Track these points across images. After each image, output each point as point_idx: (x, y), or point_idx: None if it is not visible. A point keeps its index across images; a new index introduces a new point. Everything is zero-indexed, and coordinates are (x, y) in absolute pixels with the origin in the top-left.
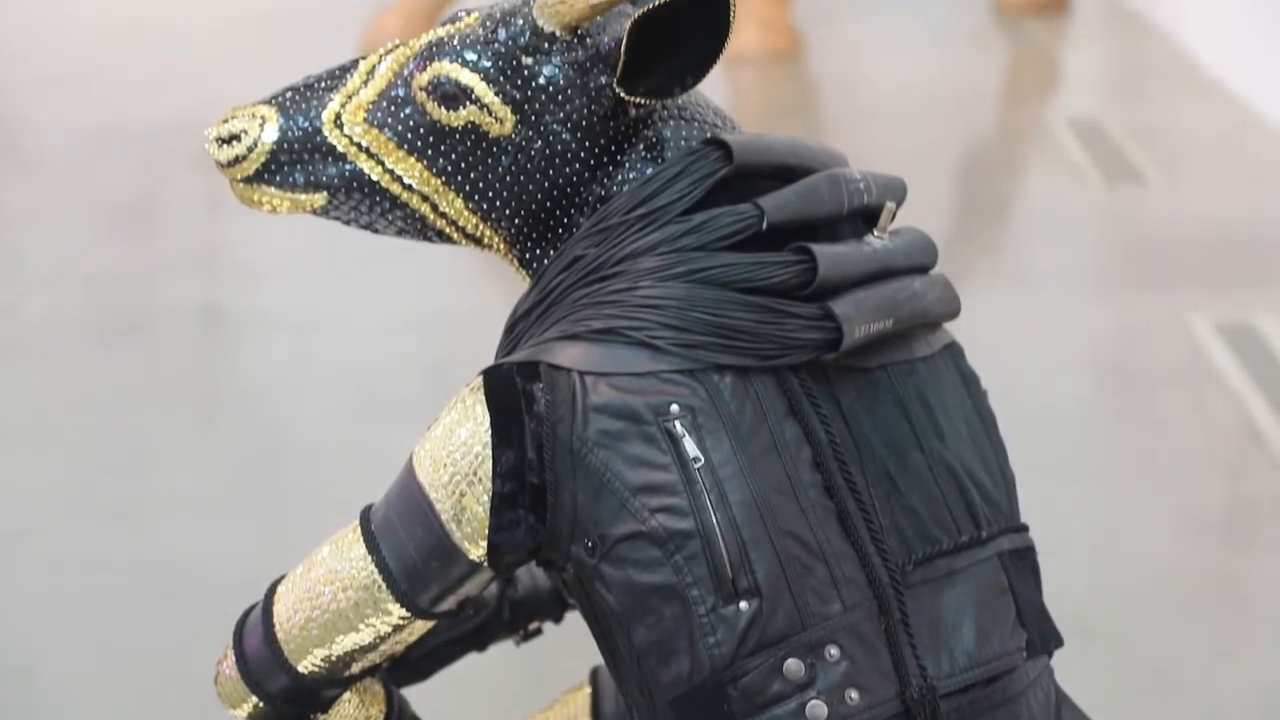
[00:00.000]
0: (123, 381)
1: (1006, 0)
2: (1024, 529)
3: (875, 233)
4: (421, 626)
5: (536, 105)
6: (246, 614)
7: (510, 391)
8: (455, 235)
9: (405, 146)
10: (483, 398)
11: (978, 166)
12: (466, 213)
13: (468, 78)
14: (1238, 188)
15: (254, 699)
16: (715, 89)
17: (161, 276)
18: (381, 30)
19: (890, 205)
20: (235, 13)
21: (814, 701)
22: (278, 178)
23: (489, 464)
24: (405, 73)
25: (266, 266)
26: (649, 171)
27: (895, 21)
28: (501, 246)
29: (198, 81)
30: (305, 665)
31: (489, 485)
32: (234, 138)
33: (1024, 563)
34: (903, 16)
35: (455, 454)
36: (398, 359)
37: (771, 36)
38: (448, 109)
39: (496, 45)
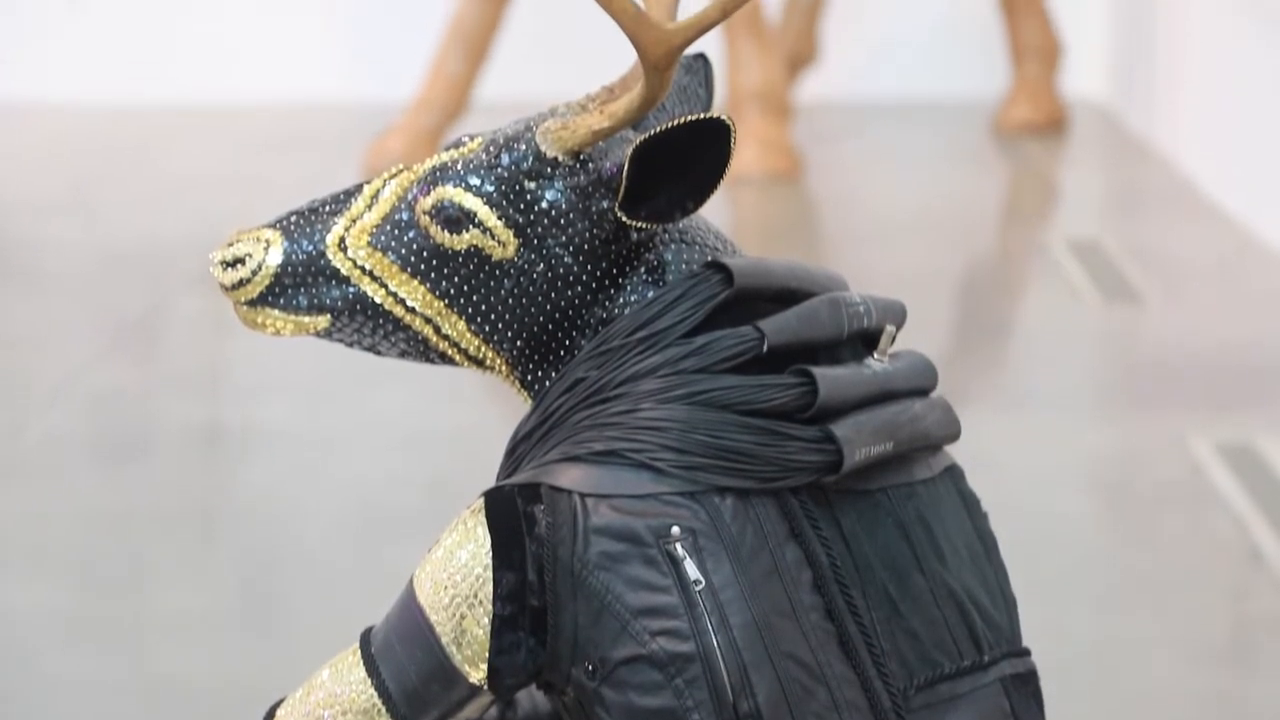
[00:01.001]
0: (124, 500)
1: (1004, 121)
2: (1026, 653)
3: (875, 356)
4: None
5: (539, 229)
6: None
7: (511, 513)
8: (457, 357)
9: (408, 269)
10: (484, 519)
11: (977, 286)
12: (469, 335)
13: (471, 202)
14: (1237, 310)
15: None
16: (716, 208)
17: (163, 395)
18: (385, 151)
19: (890, 329)
20: (239, 136)
21: None
22: (281, 300)
23: (490, 586)
24: (409, 197)
25: (268, 384)
26: (650, 294)
27: (894, 142)
28: (503, 368)
29: (201, 202)
30: None
31: (490, 608)
32: (238, 261)
33: (1027, 688)
34: (902, 137)
35: (456, 576)
36: (399, 476)
37: (771, 157)
38: (451, 233)
39: (500, 170)
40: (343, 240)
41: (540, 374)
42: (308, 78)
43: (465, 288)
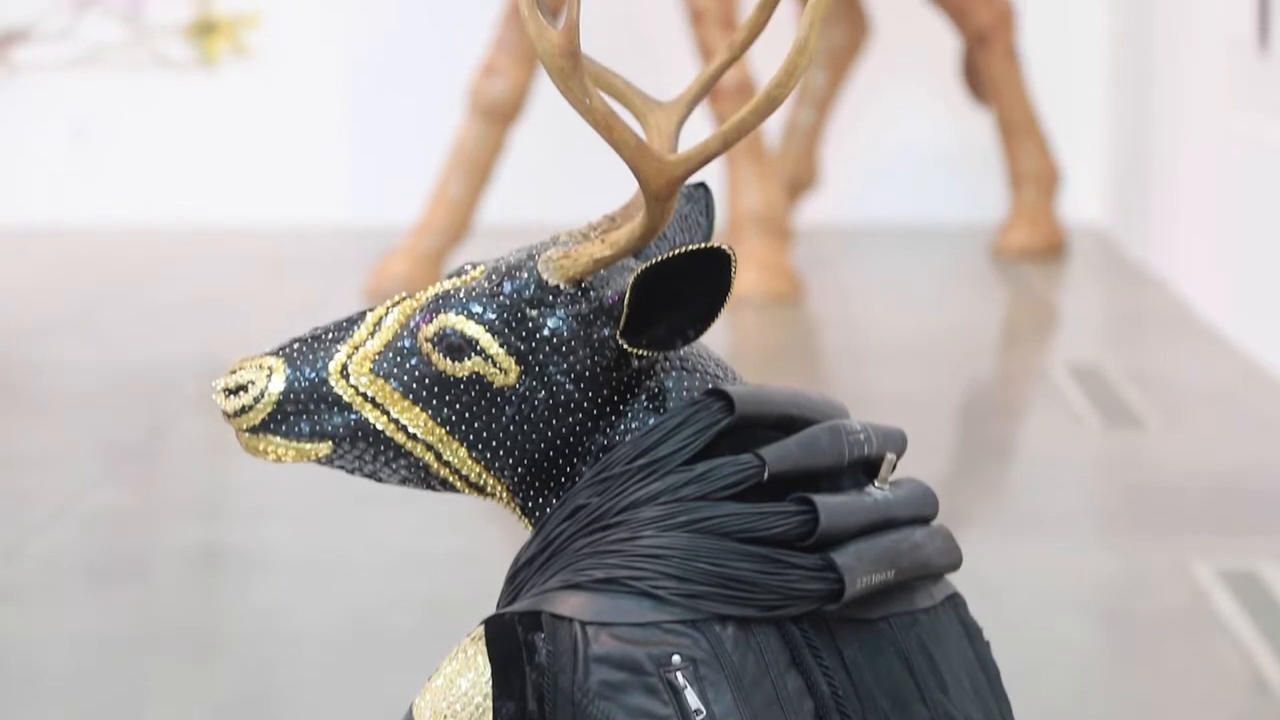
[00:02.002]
0: (121, 622)
1: (1003, 246)
2: None
3: (876, 483)
4: None
5: (540, 356)
6: None
7: (512, 641)
8: (458, 484)
9: (410, 396)
10: (484, 648)
11: (977, 409)
12: (470, 461)
13: (473, 329)
14: (1238, 435)
15: None
16: (717, 330)
17: (162, 517)
18: (387, 274)
19: (891, 456)
20: (241, 258)
21: None
22: (283, 427)
23: (489, 715)
24: (411, 324)
25: (267, 506)
26: (651, 421)
27: (894, 265)
28: (504, 495)
29: (203, 325)
30: None
31: None
32: (241, 388)
33: None
34: (901, 261)
35: (456, 705)
36: (398, 600)
37: (771, 279)
38: (453, 360)
39: (502, 298)
40: (345, 367)
41: (541, 500)
42: (311, 201)
43: (467, 414)
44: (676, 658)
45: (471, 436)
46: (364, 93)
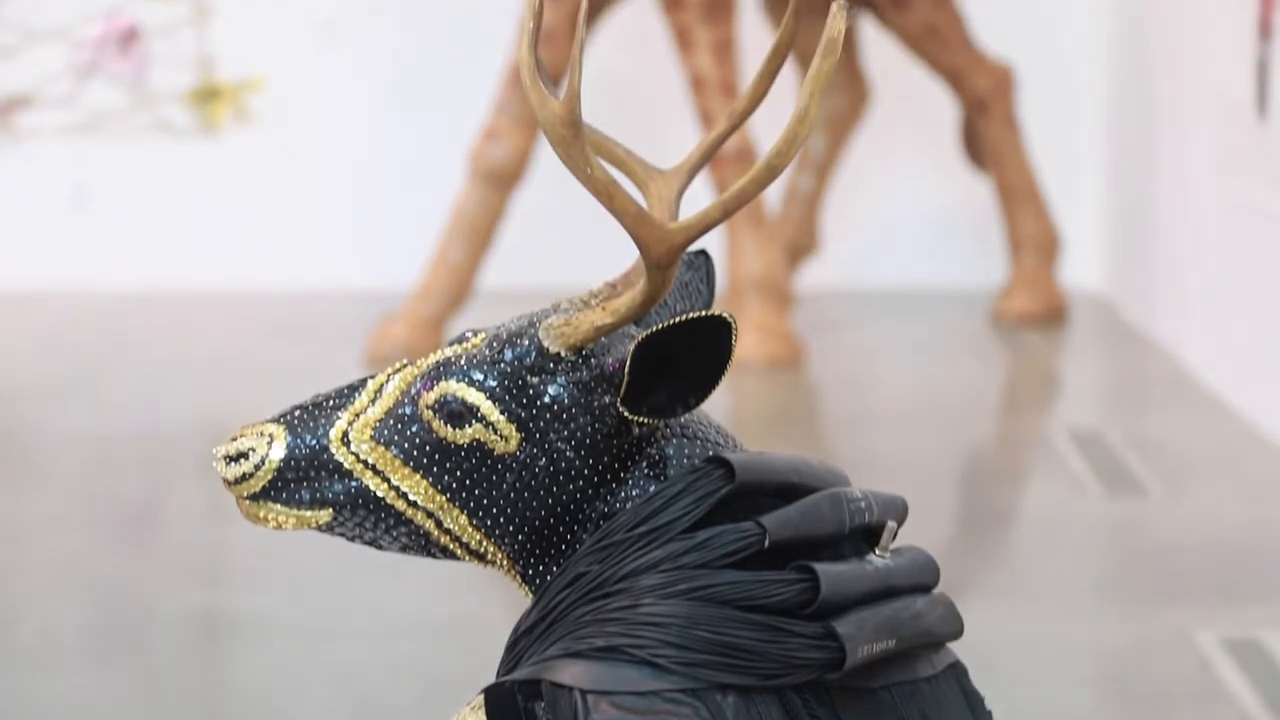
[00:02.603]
0: (120, 691)
1: (1003, 311)
2: None
3: (877, 551)
4: None
5: (541, 423)
6: None
7: (512, 710)
8: (459, 551)
9: (411, 463)
10: (484, 716)
11: (978, 475)
12: (470, 529)
13: (474, 396)
14: (1240, 502)
15: None
16: (717, 394)
17: (161, 584)
18: (387, 339)
19: (892, 524)
20: (241, 322)
21: None
22: (284, 495)
23: None
24: (412, 391)
25: (267, 572)
26: (652, 489)
27: (894, 331)
28: (505, 562)
29: (202, 389)
30: None
31: None
32: (242, 455)
33: None
34: (902, 325)
35: None
36: (399, 667)
37: (772, 344)
38: (454, 427)
39: (502, 365)
40: (346, 435)
41: (542, 568)
42: (311, 265)
43: (467, 482)
44: None
45: (472, 504)
46: (365, 156)
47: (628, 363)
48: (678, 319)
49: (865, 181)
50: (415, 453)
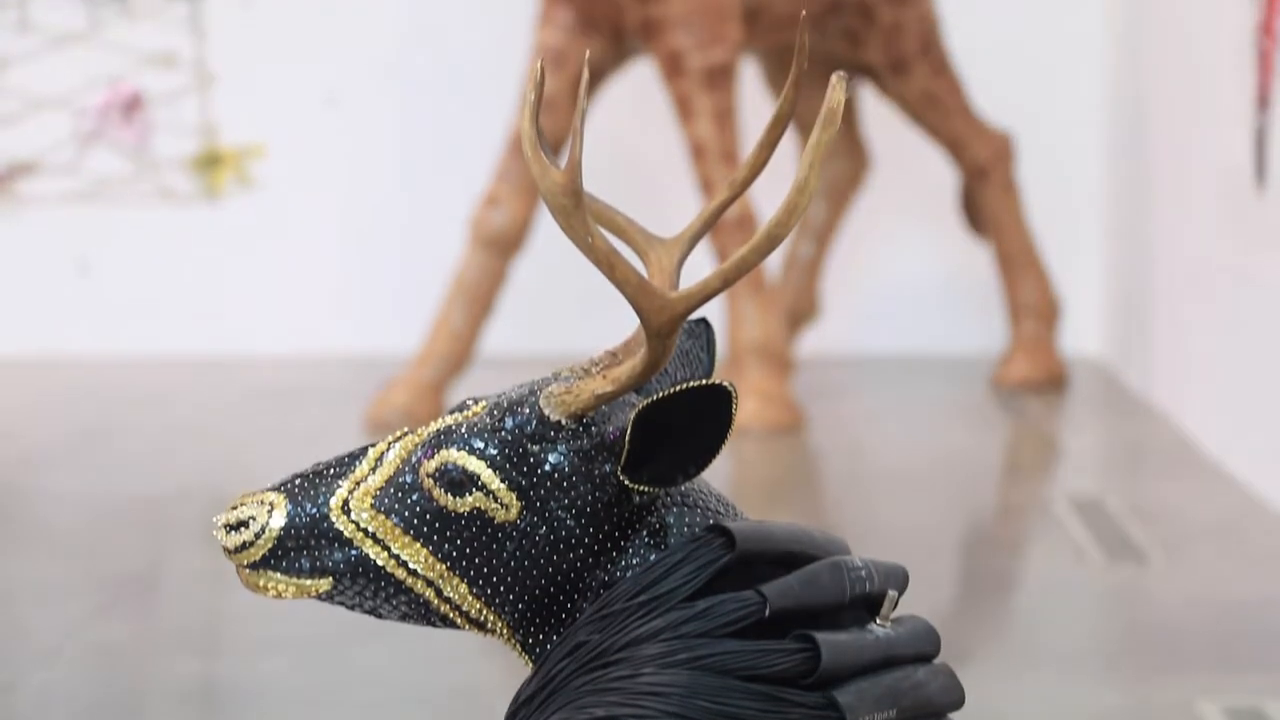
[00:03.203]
0: None
1: (1003, 378)
2: None
3: (878, 621)
4: None
5: (542, 492)
6: None
7: None
8: (459, 620)
9: (411, 532)
10: None
11: (979, 542)
12: (470, 598)
13: (475, 465)
14: (1243, 571)
15: None
16: (718, 460)
17: (160, 651)
18: (387, 404)
19: (892, 594)
20: (241, 387)
21: None
22: (284, 563)
23: None
24: (413, 460)
25: (267, 639)
26: (652, 558)
27: (895, 396)
28: (504, 631)
29: (202, 455)
30: None
31: None
32: (242, 524)
33: None
34: (902, 391)
35: None
36: None
37: (772, 410)
38: (454, 495)
39: (503, 433)
40: (346, 503)
41: (541, 637)
42: (311, 330)
43: (468, 550)
44: None
45: (472, 572)
46: (366, 222)
47: (628, 431)
48: (678, 388)
49: (865, 248)
50: (416, 521)
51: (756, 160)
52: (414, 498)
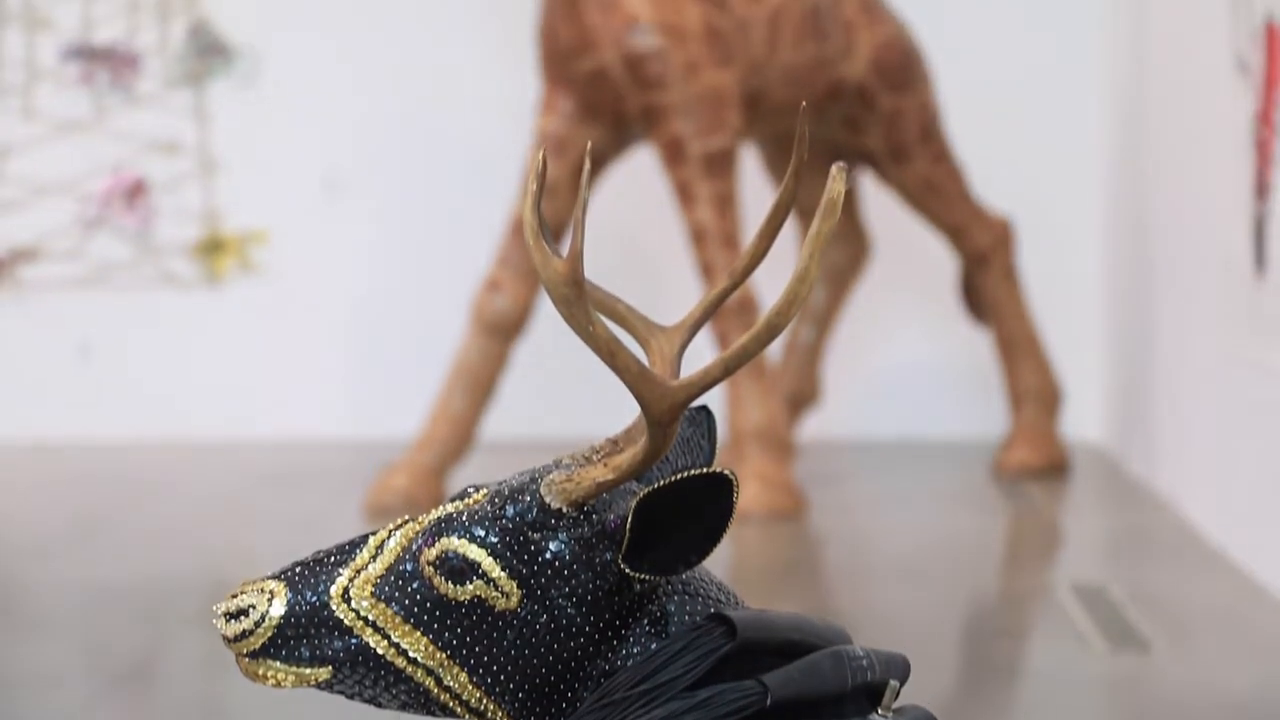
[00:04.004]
0: None
1: (1004, 463)
2: None
3: (880, 711)
4: None
5: (543, 580)
6: None
7: None
8: (459, 709)
9: (411, 620)
10: None
11: (980, 630)
12: (471, 687)
13: (475, 553)
14: (1245, 659)
15: None
16: (719, 546)
17: None
18: (388, 488)
19: (894, 683)
20: (241, 471)
21: None
22: (284, 652)
23: None
24: (414, 548)
25: None
26: (653, 646)
27: (896, 481)
28: None
29: (201, 540)
30: None
31: None
32: (242, 613)
33: None
34: (903, 476)
35: None
36: None
37: (773, 495)
38: (454, 584)
39: (504, 521)
40: (346, 591)
41: None
42: (312, 414)
43: (468, 639)
44: None
45: (473, 661)
46: (367, 307)
47: (629, 519)
48: (679, 476)
49: (866, 332)
50: (416, 609)
51: (757, 249)
52: (414, 586)
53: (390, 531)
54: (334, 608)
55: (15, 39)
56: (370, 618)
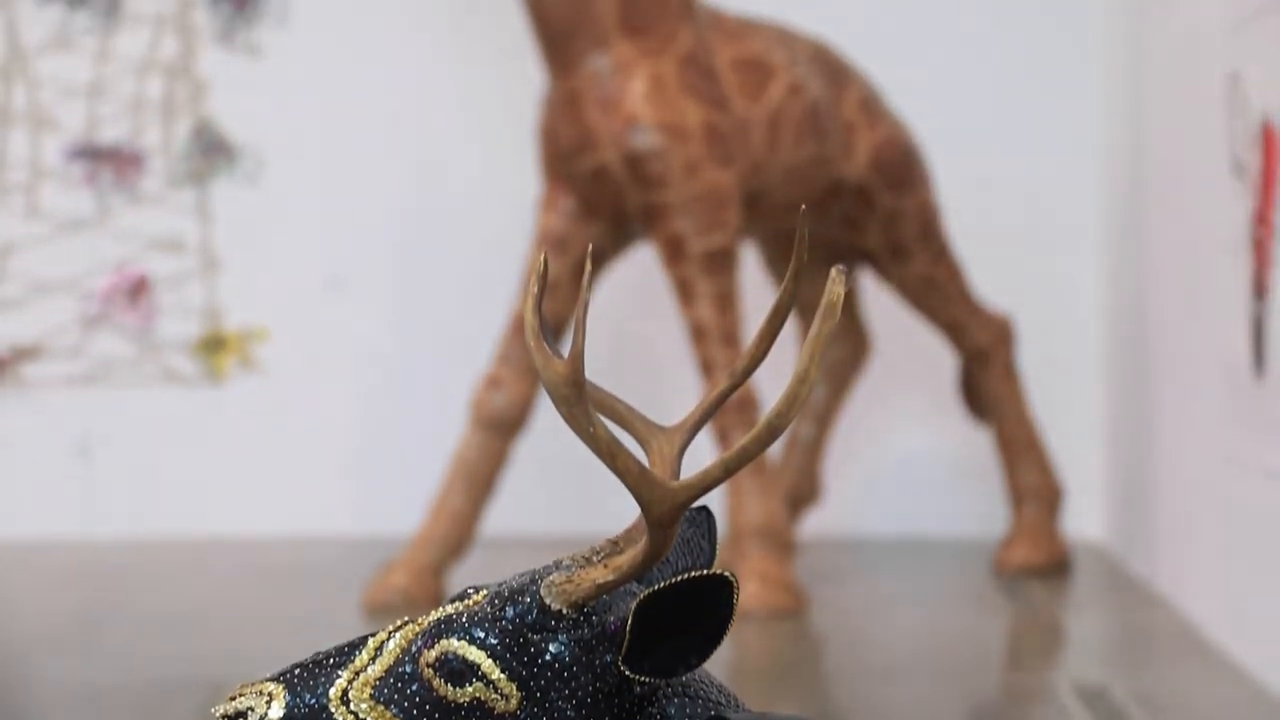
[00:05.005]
0: None
1: (1005, 562)
2: None
3: None
4: None
5: (542, 682)
6: None
7: None
8: None
9: None
10: None
11: None
12: None
13: (475, 655)
14: None
15: None
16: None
17: None
18: (386, 586)
19: None
20: (239, 568)
21: None
22: None
23: None
24: (413, 649)
25: None
26: None
27: (897, 579)
28: None
29: (199, 637)
30: None
31: None
32: (240, 716)
33: None
34: (904, 574)
35: None
36: None
37: (774, 594)
38: (454, 686)
39: (504, 623)
40: (345, 693)
41: None
42: (311, 511)
43: None
44: None
45: None
46: (367, 403)
47: (629, 622)
48: (680, 578)
49: (866, 429)
50: (415, 712)
51: (757, 350)
52: (414, 688)
53: (390, 633)
54: (333, 710)
55: (20, 138)
56: None
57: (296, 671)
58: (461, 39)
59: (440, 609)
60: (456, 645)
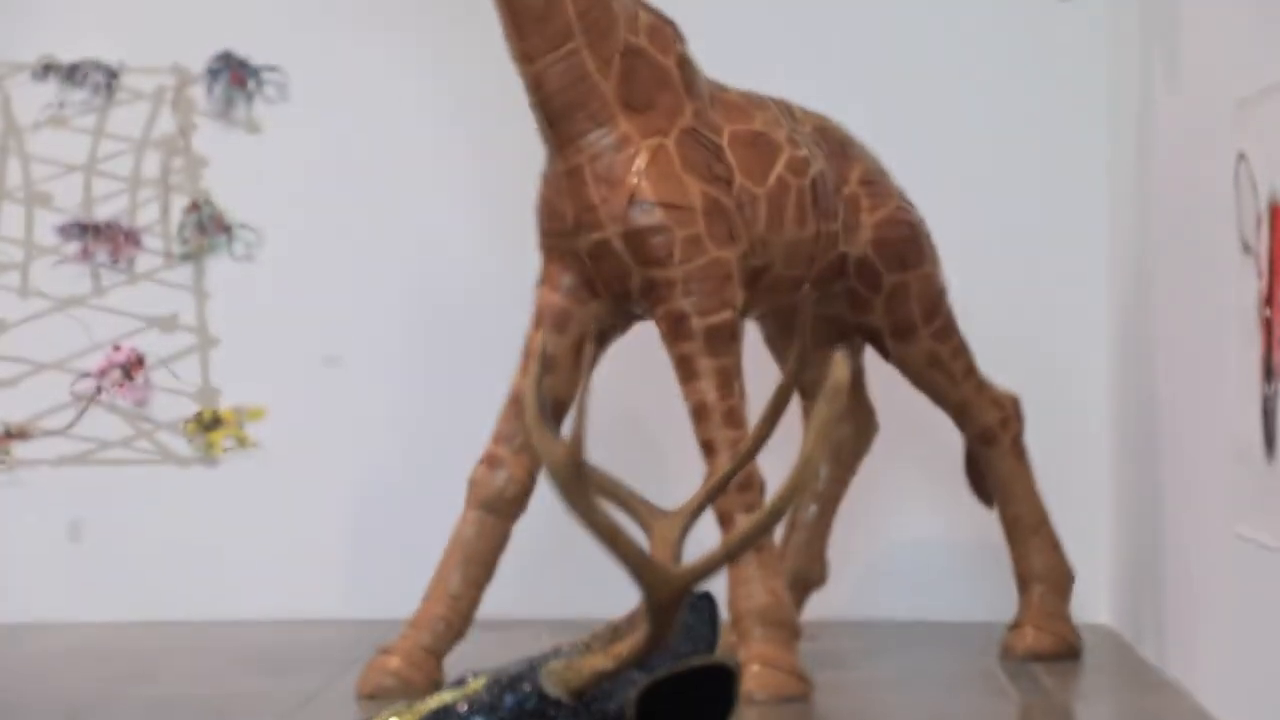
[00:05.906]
0: None
1: (1013, 647)
2: None
3: None
4: None
5: None
6: None
7: None
8: None
9: None
10: None
11: None
12: None
13: None
14: None
15: None
16: None
17: None
18: (383, 669)
19: None
20: (236, 652)
21: None
22: None
23: None
24: None
25: None
26: None
27: (903, 663)
28: None
29: (200, 713)
30: None
31: None
32: None
33: None
34: (910, 658)
35: None
36: None
37: (777, 678)
38: None
39: (502, 712)
40: None
41: None
42: (306, 593)
43: None
44: None
45: None
46: (363, 484)
47: (630, 710)
48: (681, 666)
49: (871, 511)
50: None
51: (759, 434)
52: None
53: None
54: None
55: (14, 215)
56: None
57: None
58: (461, 118)
59: (438, 695)
60: None
